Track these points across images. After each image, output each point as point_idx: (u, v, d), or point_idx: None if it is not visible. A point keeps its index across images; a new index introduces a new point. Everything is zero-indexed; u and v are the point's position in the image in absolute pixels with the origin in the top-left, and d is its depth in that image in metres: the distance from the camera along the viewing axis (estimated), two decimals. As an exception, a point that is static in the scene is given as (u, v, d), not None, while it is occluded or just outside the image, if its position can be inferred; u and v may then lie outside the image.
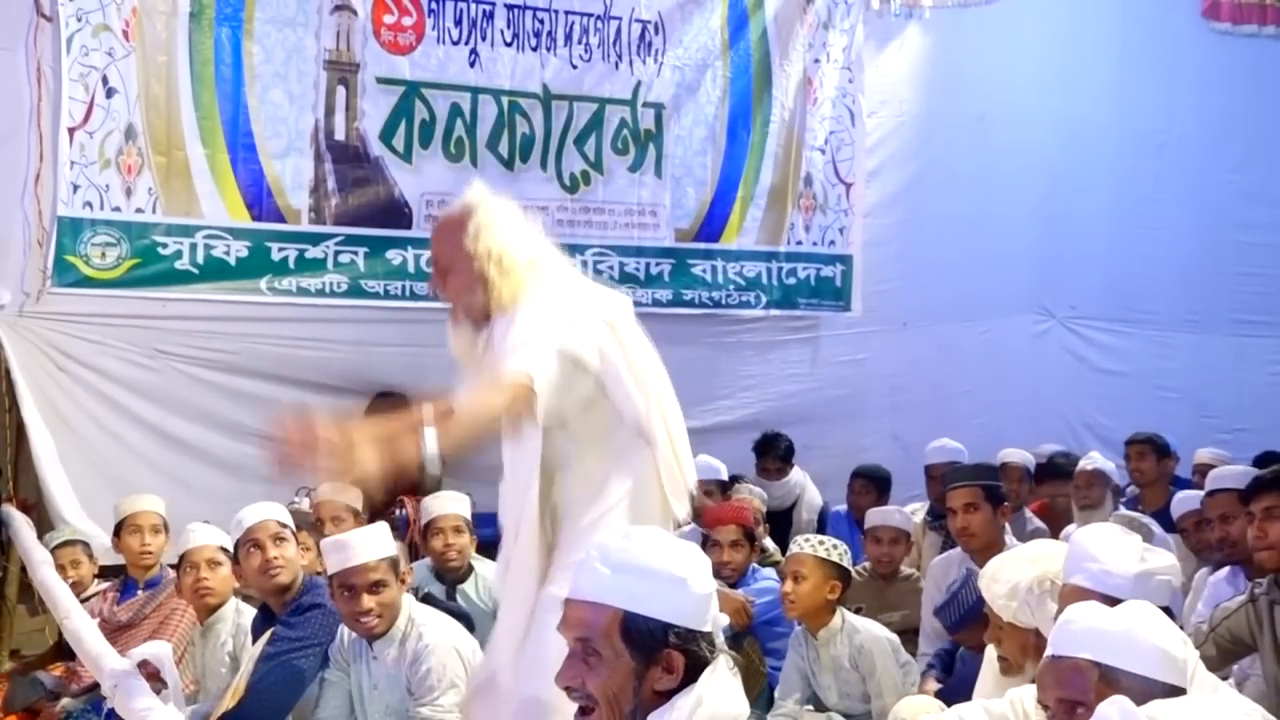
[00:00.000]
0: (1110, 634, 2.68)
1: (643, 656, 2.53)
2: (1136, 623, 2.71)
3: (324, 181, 7.64)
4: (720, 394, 8.78)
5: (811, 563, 5.00)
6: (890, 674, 4.94)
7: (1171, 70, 10.16)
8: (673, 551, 2.62)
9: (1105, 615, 2.74)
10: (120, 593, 5.92)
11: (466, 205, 3.81)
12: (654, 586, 2.55)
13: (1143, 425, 8.19)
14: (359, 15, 7.66)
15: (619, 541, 2.63)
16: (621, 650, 2.53)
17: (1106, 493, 7.14)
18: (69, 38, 6.94)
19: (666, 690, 2.54)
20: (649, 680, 2.53)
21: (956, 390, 9.43)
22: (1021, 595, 3.66)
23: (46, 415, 6.98)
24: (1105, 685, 2.63)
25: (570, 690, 2.58)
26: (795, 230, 8.93)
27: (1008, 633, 3.70)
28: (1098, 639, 2.68)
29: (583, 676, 2.55)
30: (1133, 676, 2.63)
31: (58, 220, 6.97)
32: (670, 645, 2.53)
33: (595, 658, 2.54)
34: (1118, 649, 2.66)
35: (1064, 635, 2.74)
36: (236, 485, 6.88)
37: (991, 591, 3.75)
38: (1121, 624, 2.70)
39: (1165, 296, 10.31)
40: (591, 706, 2.55)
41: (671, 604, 2.55)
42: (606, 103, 8.34)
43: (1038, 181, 9.77)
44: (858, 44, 9.11)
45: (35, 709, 5.57)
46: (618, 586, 2.54)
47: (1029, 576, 3.69)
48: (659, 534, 2.67)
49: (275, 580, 4.82)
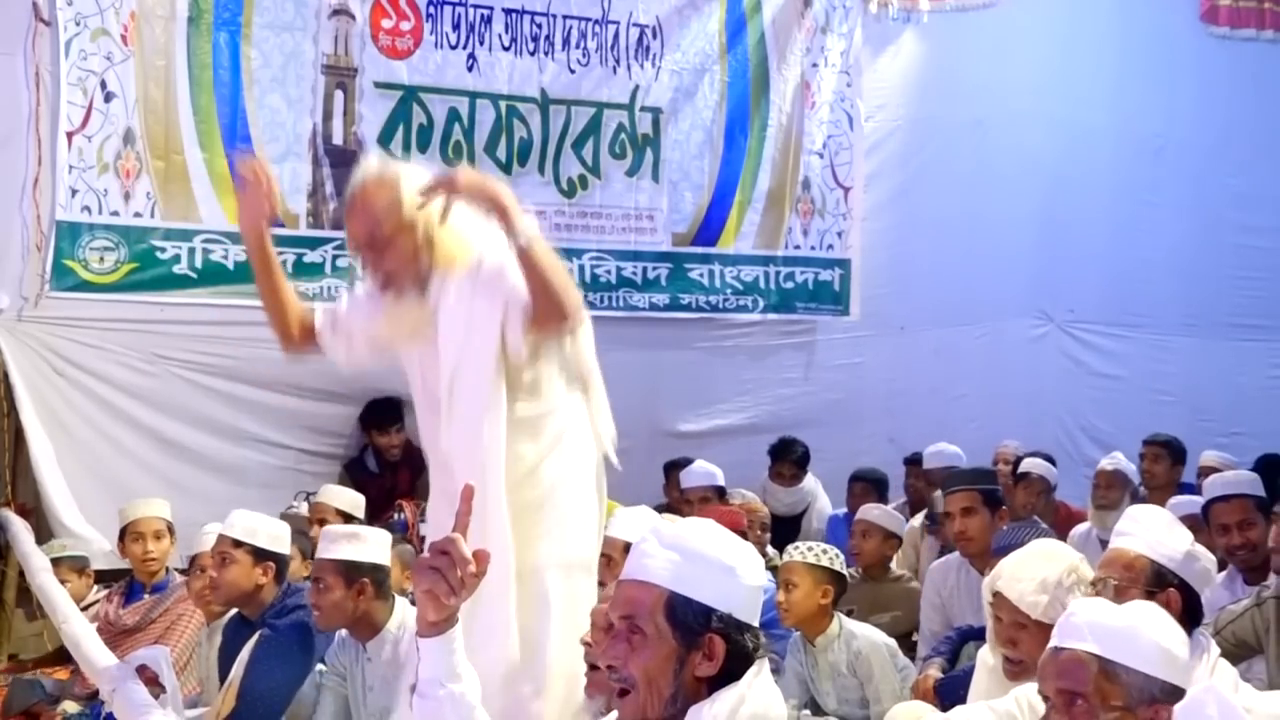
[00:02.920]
0: (1113, 629, 2.70)
1: (685, 639, 2.53)
2: (1140, 620, 2.73)
3: (322, 186, 7.64)
4: (717, 398, 8.79)
5: (801, 569, 4.98)
6: (889, 679, 4.92)
7: (1170, 74, 10.17)
8: (726, 541, 2.65)
9: (1110, 610, 2.77)
10: (125, 596, 5.94)
11: (386, 177, 3.79)
12: (703, 570, 2.57)
13: (1140, 429, 8.21)
14: (357, 20, 7.66)
15: (670, 528, 2.66)
16: (665, 630, 2.53)
17: (1125, 494, 7.14)
18: (67, 42, 6.94)
19: (707, 677, 2.55)
20: (690, 664, 2.54)
21: (954, 394, 9.44)
22: (1052, 589, 3.66)
23: (45, 420, 6.98)
24: (1105, 679, 2.66)
25: (611, 670, 2.58)
26: (793, 234, 8.94)
27: (1030, 633, 3.66)
28: (1100, 633, 2.70)
29: (625, 656, 2.55)
30: (1133, 672, 2.66)
31: (56, 224, 6.96)
32: (713, 630, 2.54)
33: (639, 636, 2.55)
34: (1120, 644, 2.68)
35: (1067, 627, 2.76)
36: (234, 490, 6.91)
37: (1016, 590, 3.71)
38: (1125, 620, 2.72)
39: (1163, 300, 10.32)
40: (629, 688, 2.55)
41: (718, 590, 2.57)
42: (604, 107, 8.35)
43: (1035, 185, 9.78)
44: (855, 48, 9.12)
45: (34, 712, 5.57)
46: (666, 567, 2.56)
47: (1057, 569, 3.71)
48: (714, 525, 2.69)
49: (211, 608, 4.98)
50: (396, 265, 3.75)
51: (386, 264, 3.75)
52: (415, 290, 3.77)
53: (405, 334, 3.86)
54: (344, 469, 7.69)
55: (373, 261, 3.78)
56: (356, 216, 3.78)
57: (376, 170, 3.84)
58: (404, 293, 3.77)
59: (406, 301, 3.79)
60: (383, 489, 7.50)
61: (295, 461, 7.65)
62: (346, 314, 4.02)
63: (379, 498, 7.26)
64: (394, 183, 3.76)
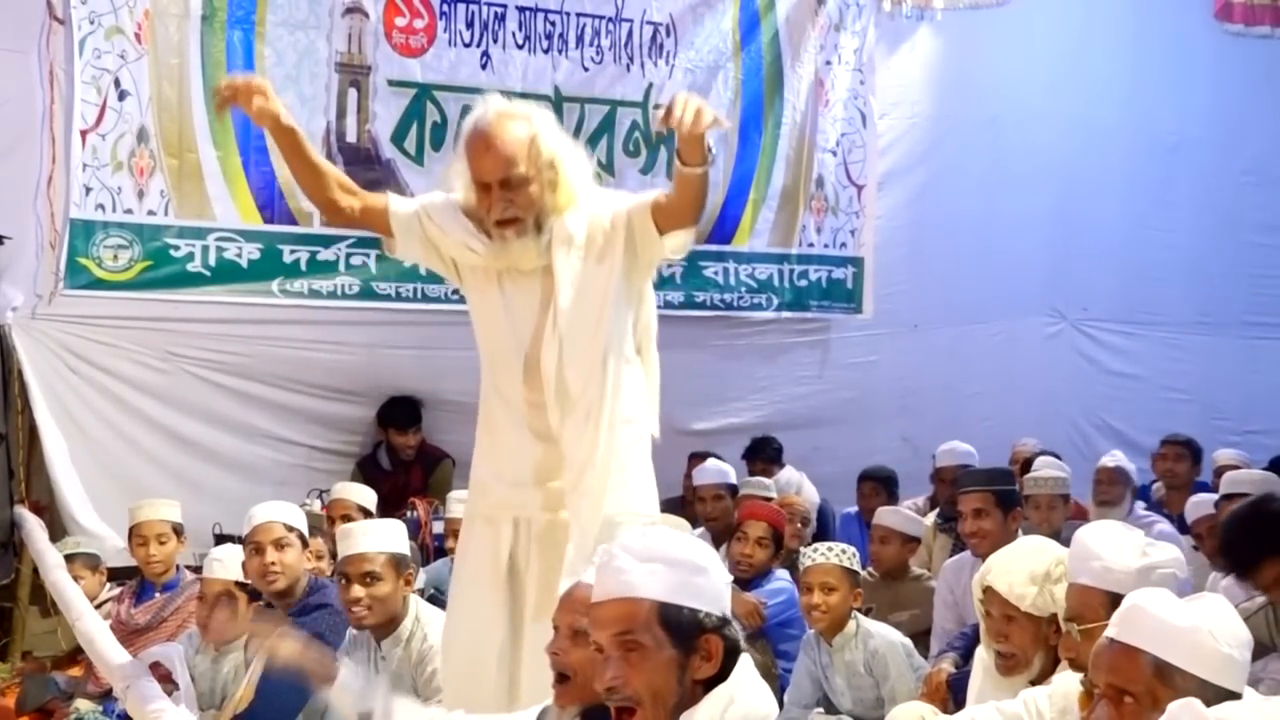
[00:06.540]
0: (1175, 630, 2.63)
1: (683, 645, 2.55)
2: (1204, 621, 2.65)
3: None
4: (731, 396, 8.78)
5: (839, 573, 4.98)
6: (904, 679, 4.91)
7: (1184, 72, 10.14)
8: (690, 543, 2.68)
9: (1174, 609, 2.68)
10: (136, 595, 5.94)
11: (520, 115, 3.85)
12: (685, 575, 2.58)
13: (1153, 427, 8.20)
14: (371, 18, 7.66)
15: (637, 539, 2.66)
16: (663, 639, 2.54)
17: (1126, 492, 7.14)
18: (81, 40, 6.94)
19: (705, 680, 2.55)
20: (690, 670, 2.55)
21: (967, 392, 9.42)
22: (1040, 581, 3.66)
23: (59, 417, 6.99)
24: (1159, 682, 2.60)
25: (611, 692, 2.57)
26: (807, 232, 8.93)
27: (1019, 625, 3.69)
28: (1162, 634, 2.63)
29: (625, 674, 2.55)
30: (1189, 677, 2.60)
31: (70, 223, 6.96)
32: (709, 631, 2.55)
33: (638, 652, 2.54)
34: (1179, 648, 2.62)
35: (1129, 621, 2.69)
36: (247, 487, 6.90)
37: (1006, 582, 3.72)
38: (1189, 620, 2.64)
39: (1176, 298, 10.29)
40: (634, 705, 2.55)
41: (699, 591, 2.59)
42: (618, 105, 8.34)
43: (1049, 183, 9.75)
44: (869, 46, 9.10)
45: (48, 709, 5.59)
46: (648, 578, 2.57)
47: (1045, 560, 3.72)
48: (669, 530, 2.71)
49: (272, 586, 4.85)
50: (524, 204, 3.79)
51: (517, 202, 3.78)
52: (532, 231, 3.80)
53: (498, 269, 3.88)
54: (357, 466, 7.70)
55: (503, 201, 3.78)
56: (493, 153, 3.77)
57: (508, 108, 3.89)
58: (523, 233, 3.80)
59: (520, 242, 3.81)
60: (396, 486, 7.52)
61: (308, 459, 7.66)
62: (422, 212, 3.98)
63: (392, 495, 7.29)
64: (529, 118, 3.83)
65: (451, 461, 7.68)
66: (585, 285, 3.82)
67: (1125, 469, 7.26)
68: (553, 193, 3.81)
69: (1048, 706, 3.27)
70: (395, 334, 7.79)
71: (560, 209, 3.83)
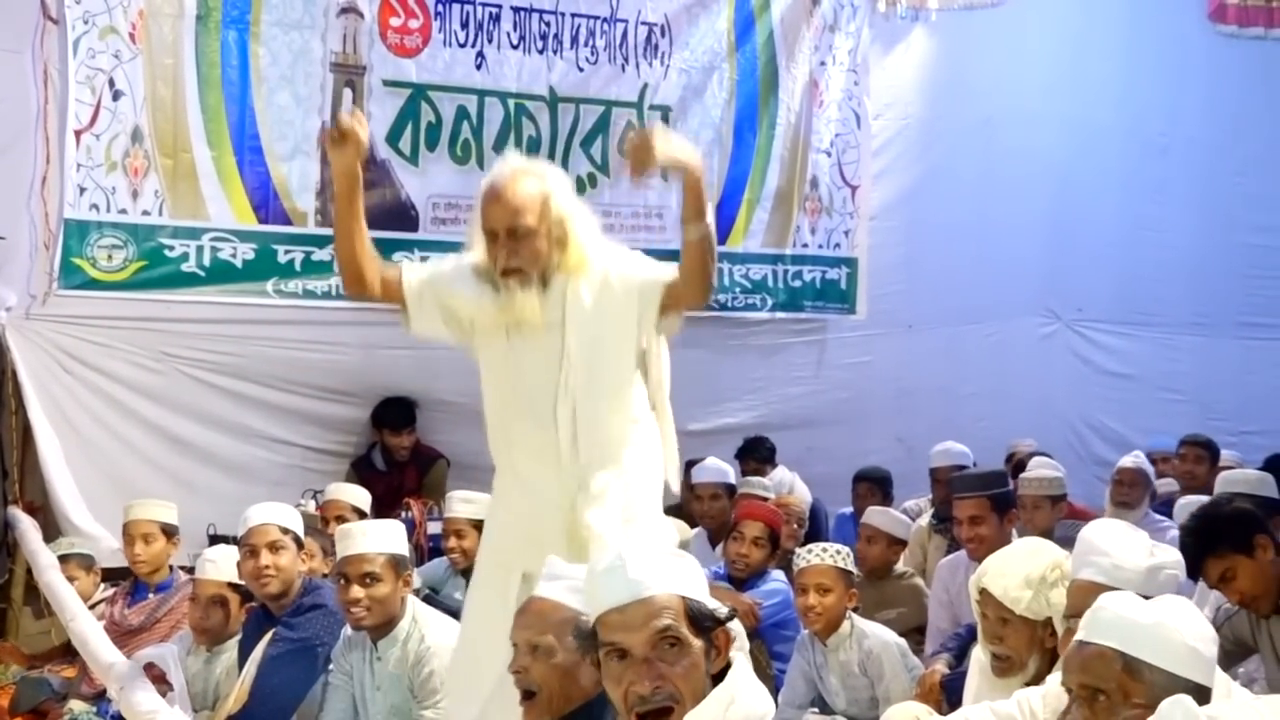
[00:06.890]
0: (1139, 626, 2.66)
1: (705, 638, 2.56)
2: (1167, 617, 2.69)
3: (330, 184, 7.59)
4: (725, 397, 8.77)
5: (833, 574, 4.98)
6: (899, 679, 4.91)
7: (1178, 73, 10.16)
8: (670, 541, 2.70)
9: (1137, 607, 2.73)
10: (130, 596, 5.92)
11: (535, 170, 3.90)
12: (687, 570, 2.62)
13: (1149, 428, 8.20)
14: (365, 18, 7.65)
15: (634, 548, 2.66)
16: (691, 634, 2.54)
17: (1145, 494, 7.04)
18: (75, 40, 6.93)
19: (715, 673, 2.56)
20: (710, 663, 2.56)
21: (962, 393, 9.42)
22: (1036, 585, 3.67)
23: (53, 417, 6.99)
24: (1129, 677, 2.63)
25: (656, 693, 2.52)
26: (801, 233, 8.93)
27: (1014, 628, 3.70)
28: (1126, 630, 2.67)
29: (665, 674, 2.52)
30: (1156, 670, 2.62)
31: (64, 223, 6.96)
32: (721, 622, 2.57)
33: (677, 648, 2.53)
34: (1145, 642, 2.64)
35: (1094, 622, 2.73)
36: (242, 488, 6.90)
37: (1001, 585, 3.73)
38: (1152, 617, 2.68)
39: (1171, 299, 10.31)
40: (673, 705, 2.52)
41: (703, 585, 2.63)
42: (613, 105, 8.33)
43: (1044, 184, 9.76)
44: (863, 47, 9.11)
45: (42, 710, 5.58)
46: (666, 576, 2.58)
47: (1041, 564, 3.72)
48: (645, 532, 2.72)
49: (265, 589, 4.84)
50: (530, 256, 3.81)
51: (522, 253, 3.80)
52: (537, 284, 3.83)
53: (505, 323, 3.89)
54: (351, 467, 7.70)
55: (508, 249, 3.81)
56: (502, 203, 3.80)
57: (525, 164, 3.94)
58: (527, 284, 3.81)
59: (524, 293, 3.82)
60: (390, 487, 7.51)
61: (302, 459, 7.66)
62: (432, 278, 4.02)
63: (386, 496, 7.28)
64: (543, 177, 3.87)
65: (446, 462, 7.68)
66: (594, 351, 3.86)
67: (1146, 470, 7.17)
68: (561, 251, 3.84)
69: (1041, 707, 3.28)
70: (390, 335, 7.69)
71: (569, 268, 3.86)
